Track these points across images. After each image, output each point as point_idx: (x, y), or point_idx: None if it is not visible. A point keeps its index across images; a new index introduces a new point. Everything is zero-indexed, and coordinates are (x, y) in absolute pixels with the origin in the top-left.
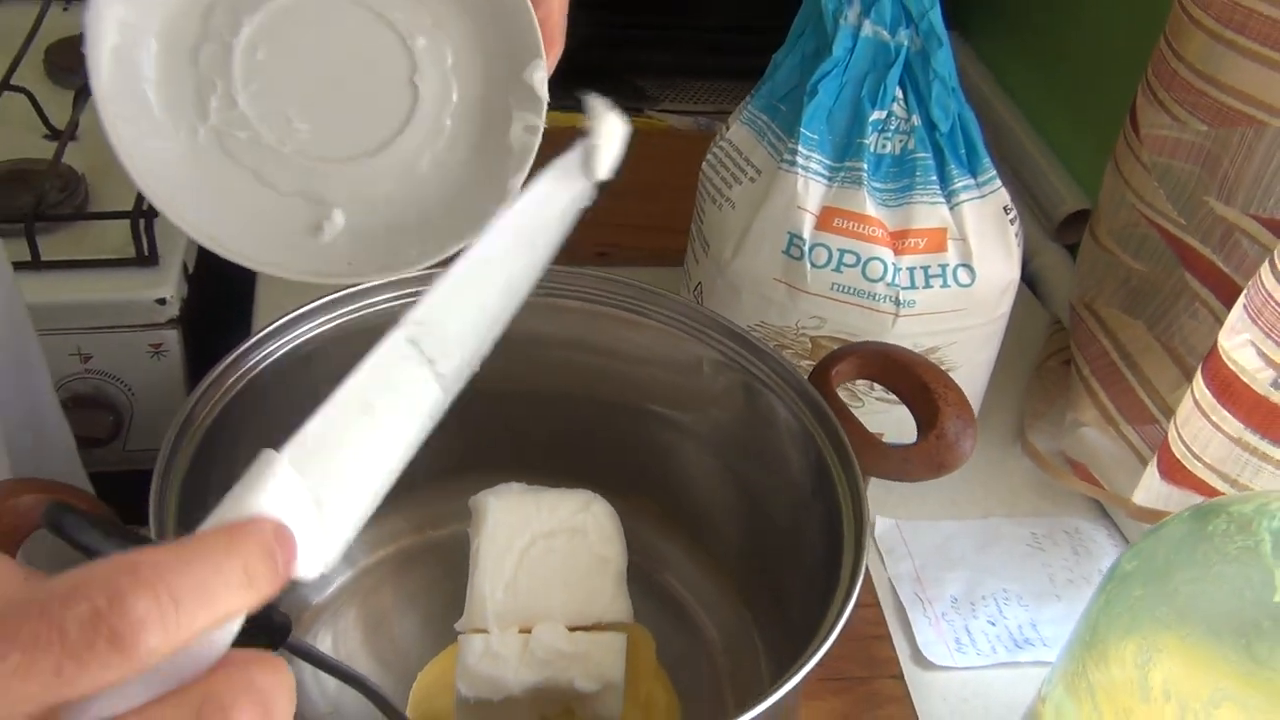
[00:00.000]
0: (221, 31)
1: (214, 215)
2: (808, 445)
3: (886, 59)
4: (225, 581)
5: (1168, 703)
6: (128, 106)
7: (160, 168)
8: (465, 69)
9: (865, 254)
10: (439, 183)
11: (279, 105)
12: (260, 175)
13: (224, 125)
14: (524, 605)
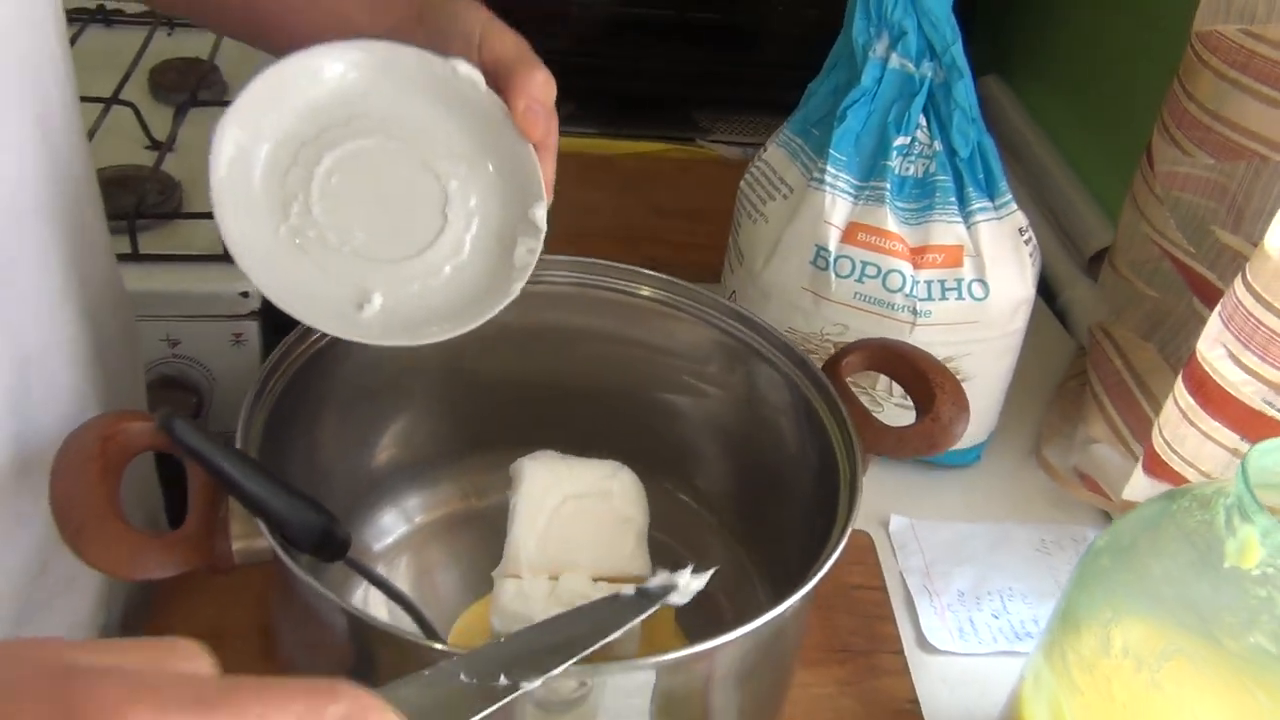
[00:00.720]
0: (308, 161)
1: (285, 287)
2: (816, 423)
3: (911, 89)
4: None
5: (1126, 658)
6: (232, 201)
7: (251, 247)
8: (484, 207)
9: (886, 266)
10: (457, 285)
11: (343, 217)
12: (322, 265)
13: (300, 226)
14: (554, 555)
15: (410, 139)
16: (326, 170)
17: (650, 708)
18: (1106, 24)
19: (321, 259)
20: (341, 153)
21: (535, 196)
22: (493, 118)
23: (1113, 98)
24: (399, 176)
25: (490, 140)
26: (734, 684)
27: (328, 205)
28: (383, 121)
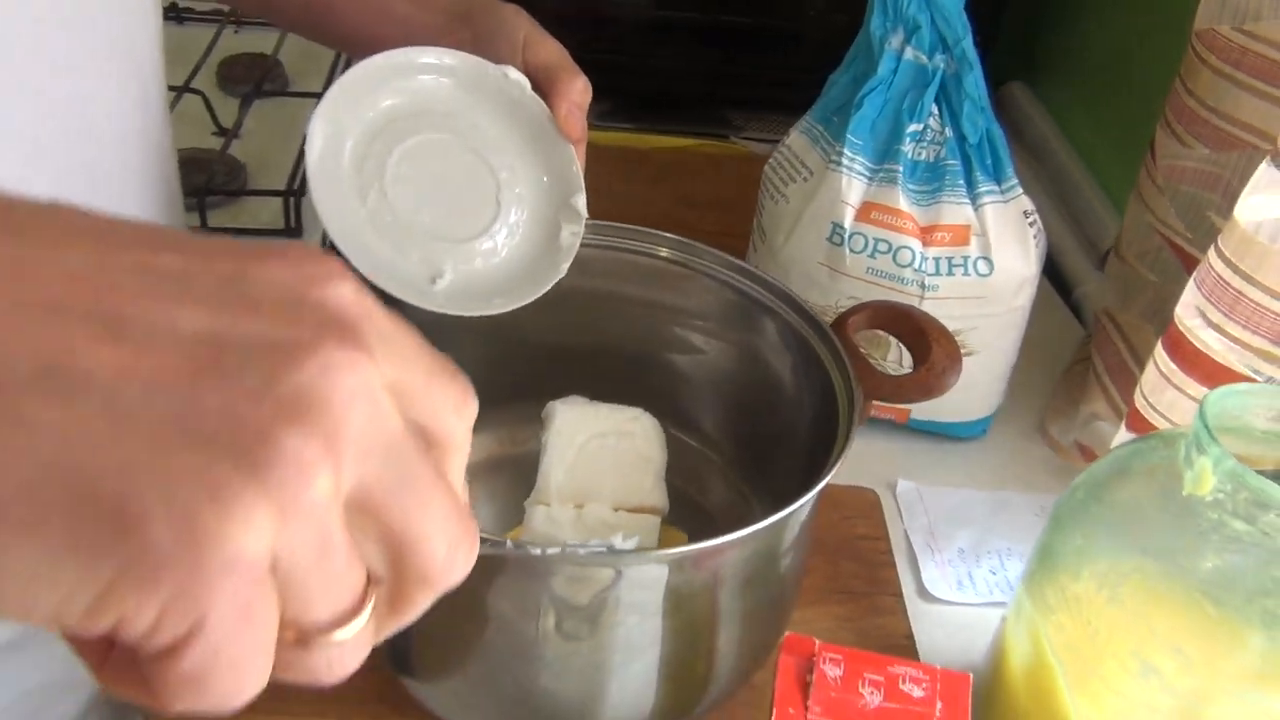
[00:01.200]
0: (380, 152)
1: (367, 261)
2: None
3: (924, 79)
4: None
5: (1092, 581)
6: (325, 189)
7: (343, 228)
8: (531, 196)
9: (896, 243)
10: (513, 263)
11: (411, 202)
12: (397, 245)
13: (376, 210)
14: (580, 486)
15: (468, 134)
16: (397, 161)
17: (663, 605)
18: (1127, 32)
19: (396, 239)
20: (409, 145)
21: (575, 187)
22: (537, 118)
23: (1130, 104)
24: (459, 167)
25: (534, 137)
26: (738, 589)
27: (398, 192)
28: (445, 118)
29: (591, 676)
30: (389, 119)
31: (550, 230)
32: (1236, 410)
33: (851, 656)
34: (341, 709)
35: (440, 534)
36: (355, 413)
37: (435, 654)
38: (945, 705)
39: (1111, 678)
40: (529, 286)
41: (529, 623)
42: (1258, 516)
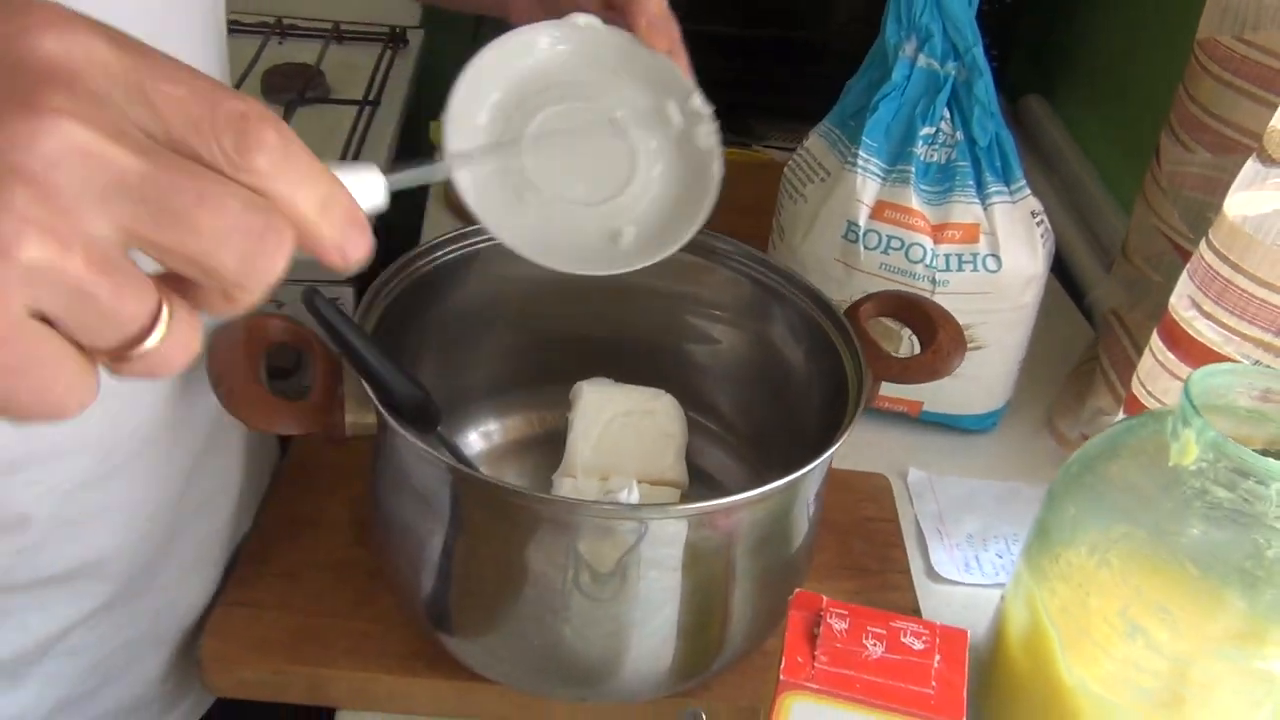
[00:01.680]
0: (518, 126)
1: (511, 232)
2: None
3: (936, 85)
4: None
5: (1084, 547)
6: (469, 176)
7: (482, 202)
8: (656, 121)
9: (909, 240)
10: (658, 213)
11: (548, 169)
12: (546, 217)
13: (517, 182)
14: (605, 460)
15: (585, 94)
16: (532, 131)
17: (682, 560)
18: (1134, 44)
19: (538, 208)
20: (543, 115)
21: (687, 90)
22: (631, 51)
23: (1139, 114)
24: (585, 127)
25: (641, 70)
26: (752, 549)
27: (535, 160)
28: (560, 87)
29: (615, 630)
30: (521, 93)
31: (688, 145)
32: (1221, 389)
33: (856, 612)
34: (382, 663)
35: (224, 248)
36: (62, 173)
37: (470, 611)
38: (943, 657)
39: (1102, 639)
40: (695, 205)
41: (558, 576)
42: (1238, 484)
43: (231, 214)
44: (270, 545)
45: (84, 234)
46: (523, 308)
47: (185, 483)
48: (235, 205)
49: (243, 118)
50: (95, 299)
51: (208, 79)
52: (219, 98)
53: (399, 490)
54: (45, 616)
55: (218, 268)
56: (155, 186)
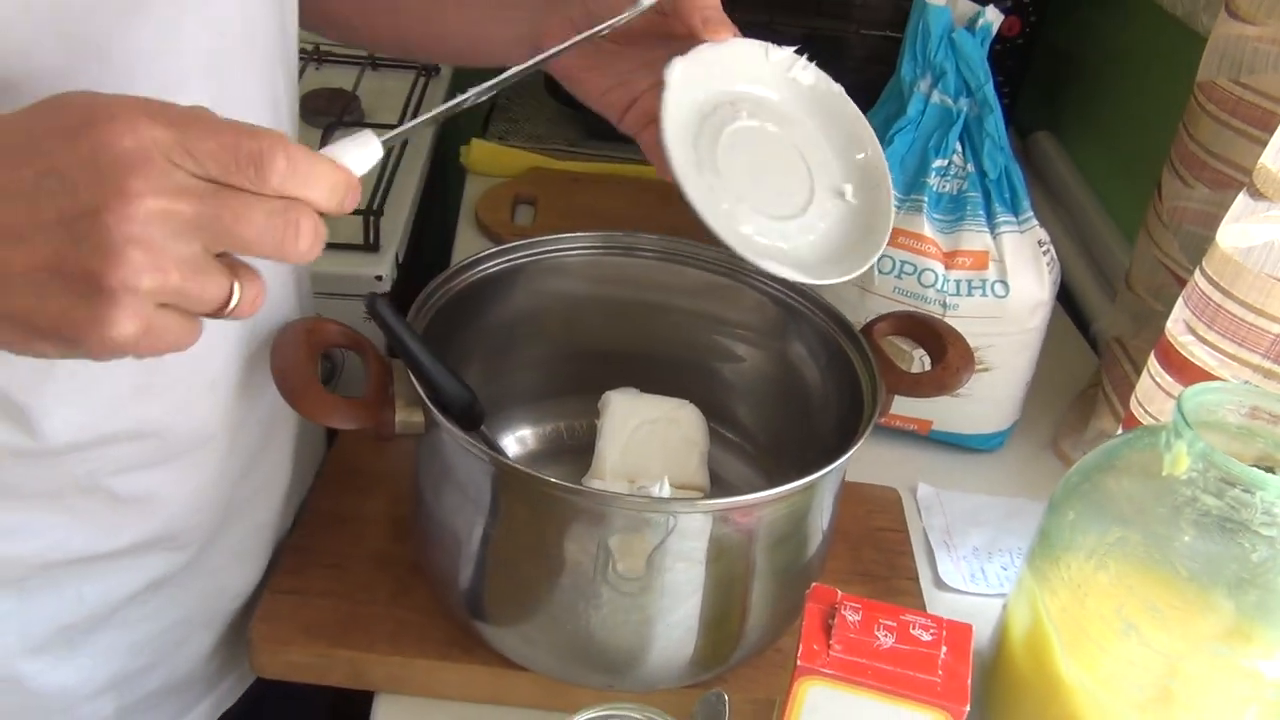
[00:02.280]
0: (714, 132)
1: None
2: (847, 368)
3: (949, 120)
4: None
5: (1082, 551)
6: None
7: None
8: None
9: (921, 265)
10: (837, 236)
11: (738, 177)
12: (736, 219)
13: (712, 181)
14: (631, 465)
15: (779, 121)
16: (725, 140)
17: (706, 553)
18: (1139, 85)
19: (736, 213)
20: (734, 126)
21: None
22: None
23: (1144, 153)
24: (776, 152)
25: (830, 120)
26: (771, 546)
27: (726, 165)
28: (759, 104)
29: (642, 620)
30: (715, 103)
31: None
32: (1212, 405)
33: (869, 606)
34: (420, 649)
35: (262, 243)
36: (152, 230)
37: (506, 600)
38: (950, 649)
39: (1098, 636)
40: (853, 262)
41: (591, 566)
42: (1225, 492)
43: (259, 223)
44: (315, 538)
45: (174, 259)
46: (559, 322)
47: (240, 475)
48: (260, 216)
49: (257, 153)
50: (189, 292)
51: (232, 129)
52: (240, 142)
53: (442, 484)
54: (102, 589)
55: (263, 252)
56: (209, 218)
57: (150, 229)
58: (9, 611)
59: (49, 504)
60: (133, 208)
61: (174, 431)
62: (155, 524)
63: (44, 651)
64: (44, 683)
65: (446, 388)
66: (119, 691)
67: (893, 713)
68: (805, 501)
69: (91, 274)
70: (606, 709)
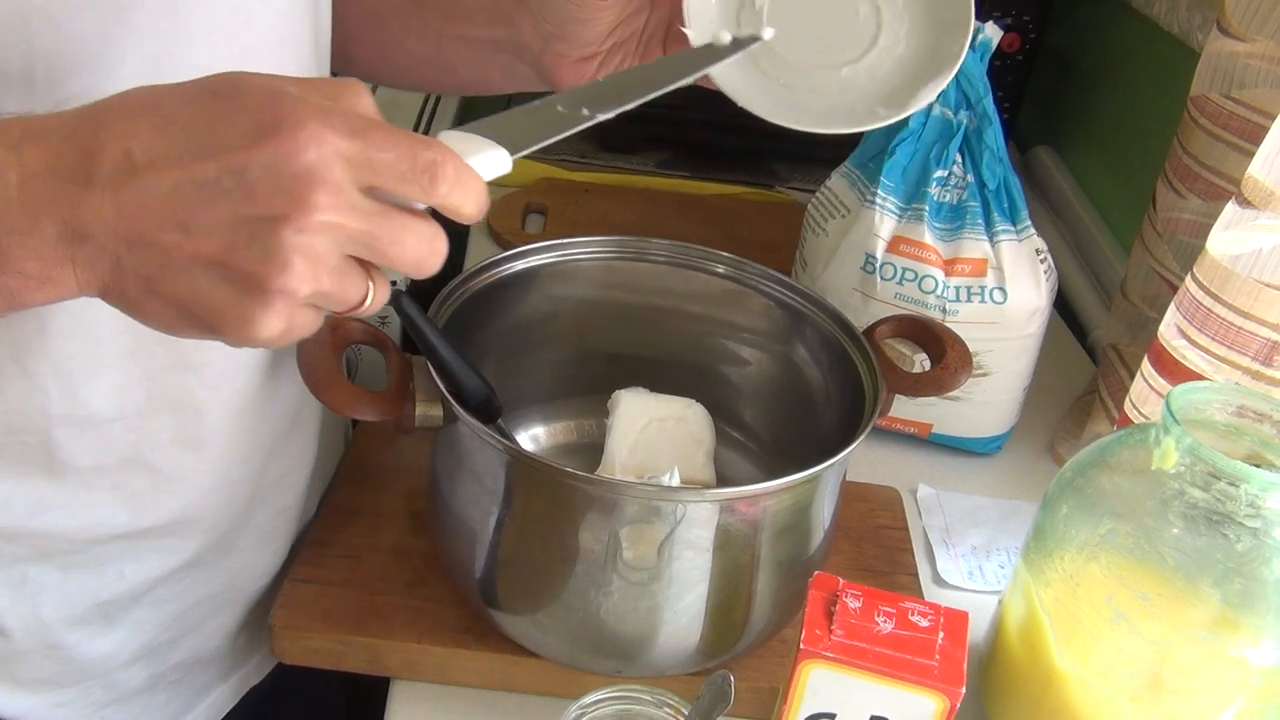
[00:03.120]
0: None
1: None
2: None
3: (950, 132)
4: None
5: (1073, 545)
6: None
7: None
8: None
9: (922, 272)
10: (902, 73)
11: (794, 34)
12: (782, 82)
13: (759, 51)
14: (640, 461)
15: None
16: (769, 12)
17: (713, 542)
18: (1136, 100)
19: (777, 73)
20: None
21: None
22: None
23: (1140, 166)
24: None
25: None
26: (775, 536)
27: (783, 39)
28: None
29: (651, 607)
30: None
31: (934, 34)
32: (1200, 404)
33: (869, 593)
34: (435, 637)
35: (407, 260)
36: (319, 240)
37: (519, 587)
38: (947, 635)
39: (1090, 625)
40: (945, 53)
41: (602, 554)
42: (1212, 485)
43: (409, 246)
44: (333, 530)
45: (329, 267)
46: (571, 324)
47: (267, 458)
48: (412, 240)
49: (432, 163)
50: (334, 296)
51: (407, 138)
52: (416, 152)
53: (458, 476)
54: (140, 566)
55: (405, 264)
56: (367, 235)
57: (318, 240)
58: (52, 584)
59: (95, 479)
60: (309, 221)
61: (208, 406)
62: (190, 502)
63: (84, 624)
64: (83, 652)
65: (466, 382)
66: (149, 660)
67: (891, 695)
68: (808, 494)
69: (255, 276)
70: (617, 690)
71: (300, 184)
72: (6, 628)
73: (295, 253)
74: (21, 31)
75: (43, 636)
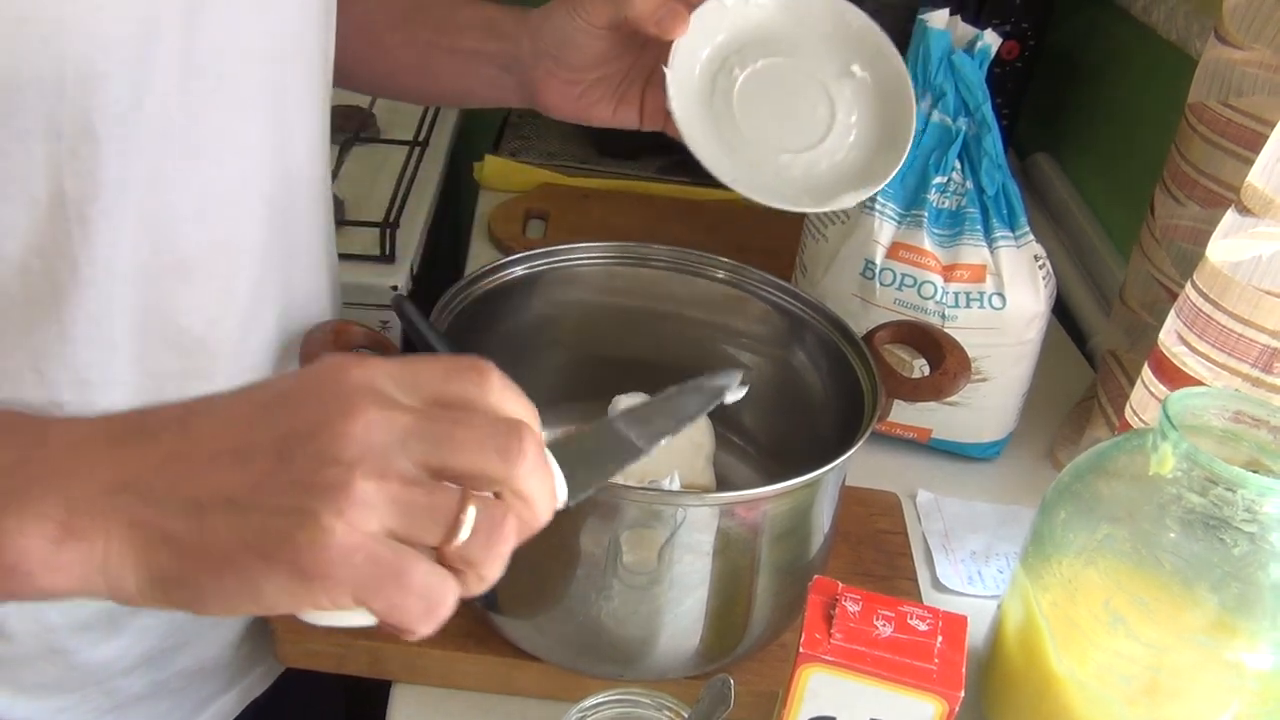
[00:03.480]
0: (732, 69)
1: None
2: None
3: (949, 139)
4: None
5: (1071, 547)
6: (683, 100)
7: (691, 131)
8: (862, 112)
9: (921, 278)
10: (834, 175)
11: (754, 112)
12: (732, 148)
13: (722, 117)
14: (641, 466)
15: (790, 51)
16: (744, 78)
17: (713, 545)
18: (1134, 107)
19: (734, 144)
20: (756, 65)
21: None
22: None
23: (1138, 173)
24: (797, 84)
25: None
26: (775, 540)
27: (743, 105)
28: (767, 43)
29: (651, 611)
30: (723, 53)
31: (883, 139)
32: (1197, 409)
33: (868, 597)
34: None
35: (484, 452)
36: (376, 438)
37: (521, 591)
38: (945, 639)
39: (1088, 630)
40: (897, 134)
41: (604, 557)
42: (1209, 490)
43: (482, 426)
44: None
45: (395, 470)
46: (572, 329)
47: None
48: (482, 419)
49: (476, 366)
50: (411, 504)
51: (443, 358)
52: (457, 360)
53: None
54: None
55: (485, 468)
56: (425, 425)
57: (373, 437)
58: None
59: None
60: (361, 421)
61: None
62: None
63: (89, 629)
64: (86, 658)
65: None
66: (151, 668)
67: (890, 699)
68: (808, 498)
69: (307, 479)
70: (617, 693)
71: (343, 391)
72: (11, 631)
73: (344, 447)
74: (54, 40)
75: (47, 641)
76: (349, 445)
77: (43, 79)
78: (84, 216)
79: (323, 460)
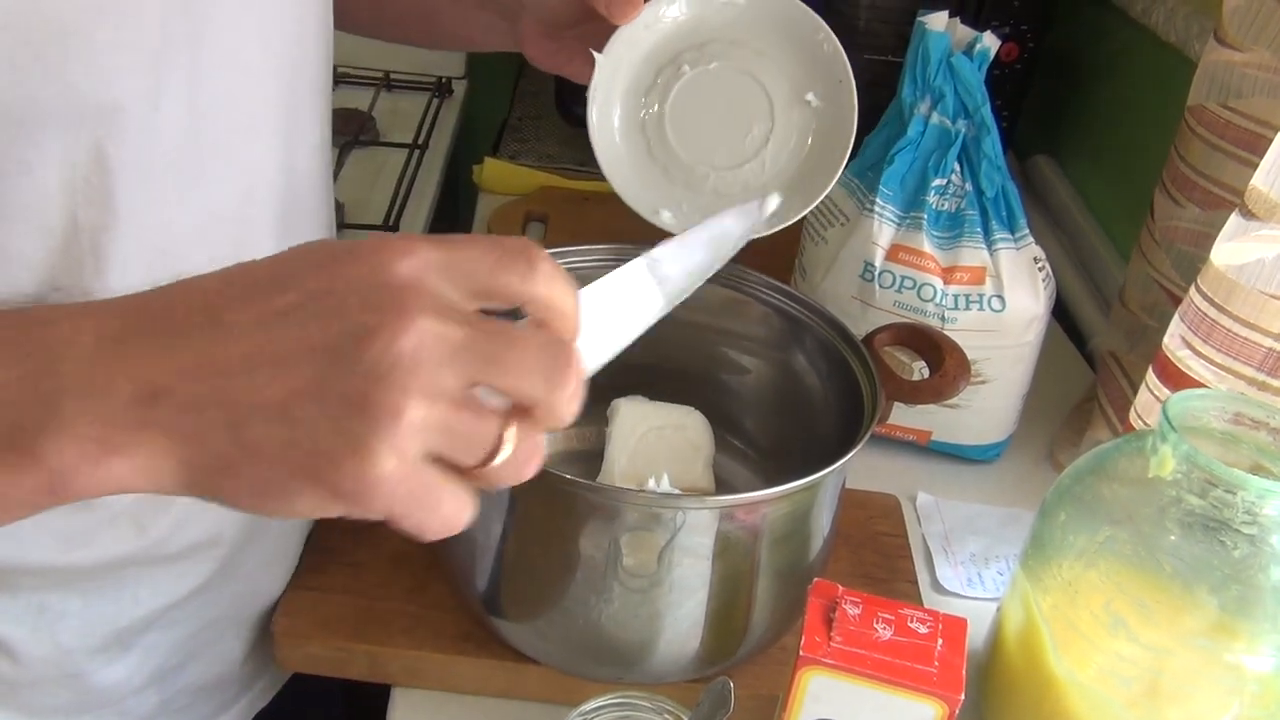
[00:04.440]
0: (663, 87)
1: (634, 192)
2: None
3: (948, 141)
4: None
5: (1071, 549)
6: (603, 130)
7: (615, 165)
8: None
9: (921, 280)
10: (798, 167)
11: (687, 131)
12: (666, 170)
13: (654, 140)
14: (640, 468)
15: (750, 61)
16: (675, 94)
17: (713, 548)
18: (1134, 110)
19: (666, 165)
20: (687, 78)
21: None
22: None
23: (1138, 175)
24: (732, 92)
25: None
26: (774, 543)
27: (677, 124)
28: (730, 45)
29: (651, 614)
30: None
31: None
32: (1197, 411)
33: (868, 600)
34: (436, 644)
35: (532, 373)
36: (424, 352)
37: (521, 595)
38: (945, 641)
39: (1089, 632)
40: (817, 186)
41: (603, 561)
42: (1209, 492)
43: (532, 348)
44: (335, 540)
45: (442, 388)
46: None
47: None
48: (533, 341)
49: (522, 248)
50: (457, 429)
51: (487, 237)
52: (501, 242)
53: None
54: (154, 591)
55: (531, 389)
56: (478, 343)
57: (421, 351)
58: (73, 611)
59: (121, 513)
60: (410, 324)
61: None
62: (203, 526)
63: (102, 651)
64: (100, 679)
65: None
66: (160, 685)
67: (890, 702)
68: (807, 501)
69: (357, 397)
70: (617, 697)
71: (393, 290)
72: (25, 655)
73: (396, 366)
74: (66, 72)
75: (61, 664)
76: (400, 361)
77: (56, 110)
78: (97, 245)
79: (373, 376)
